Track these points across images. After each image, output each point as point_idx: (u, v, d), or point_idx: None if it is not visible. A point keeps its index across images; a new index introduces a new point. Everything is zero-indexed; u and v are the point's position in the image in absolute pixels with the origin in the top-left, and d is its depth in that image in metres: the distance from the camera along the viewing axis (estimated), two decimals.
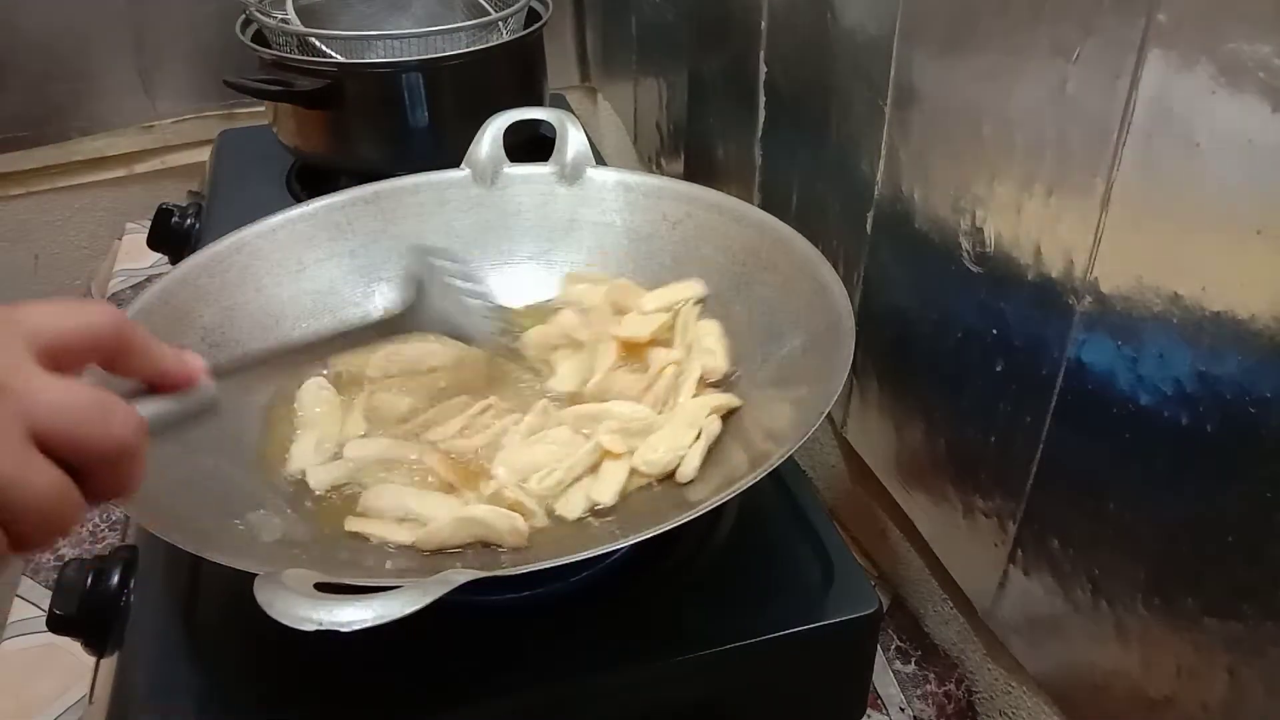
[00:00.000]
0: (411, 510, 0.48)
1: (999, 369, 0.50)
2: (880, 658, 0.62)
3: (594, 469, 0.50)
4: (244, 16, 0.86)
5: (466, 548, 0.46)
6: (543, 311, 0.62)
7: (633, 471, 0.49)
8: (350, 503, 0.49)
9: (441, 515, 0.46)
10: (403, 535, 0.46)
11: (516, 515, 0.46)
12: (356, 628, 0.33)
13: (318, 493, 0.50)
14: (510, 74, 0.87)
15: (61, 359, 0.31)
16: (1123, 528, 0.43)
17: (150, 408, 0.34)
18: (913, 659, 0.62)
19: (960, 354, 0.52)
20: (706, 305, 0.60)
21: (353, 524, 0.47)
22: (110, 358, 0.33)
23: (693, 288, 0.60)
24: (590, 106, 1.23)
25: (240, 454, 0.51)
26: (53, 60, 1.02)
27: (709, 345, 0.56)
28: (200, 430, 0.38)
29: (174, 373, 0.35)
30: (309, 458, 0.52)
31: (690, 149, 0.89)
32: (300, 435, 0.53)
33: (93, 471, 0.30)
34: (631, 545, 0.48)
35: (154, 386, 0.35)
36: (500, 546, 0.46)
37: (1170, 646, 0.41)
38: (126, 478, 0.31)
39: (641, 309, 0.60)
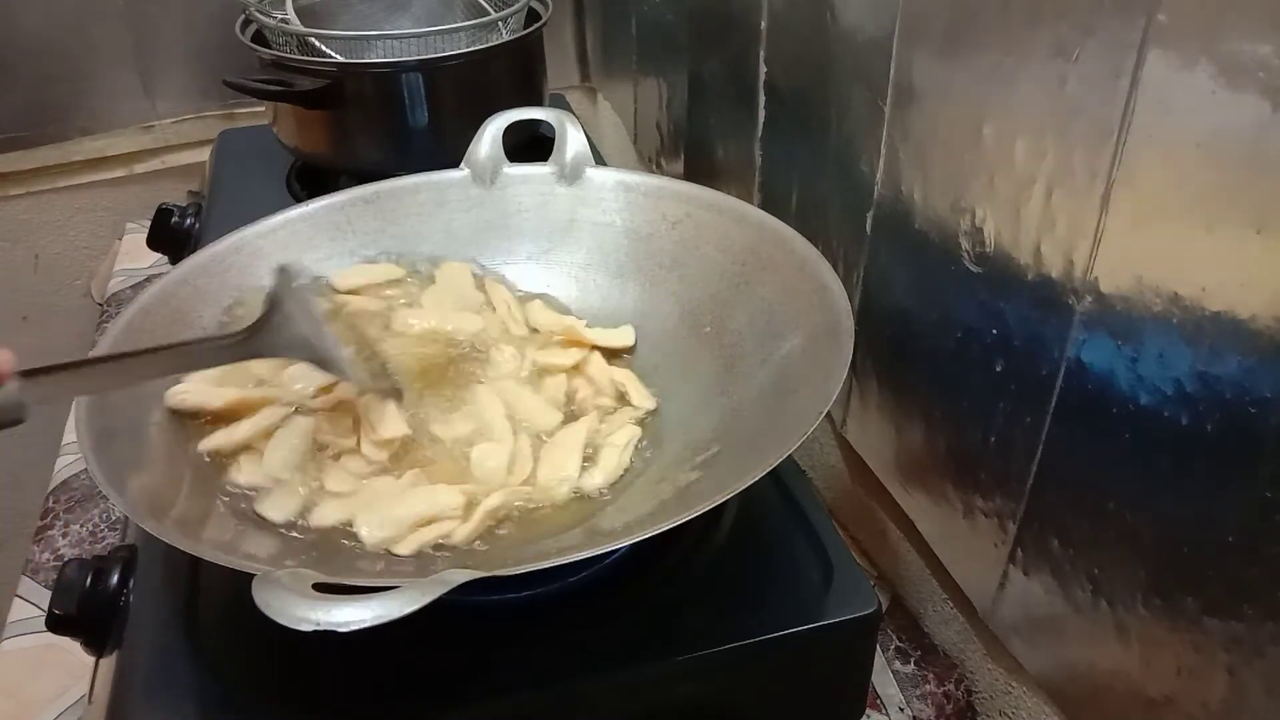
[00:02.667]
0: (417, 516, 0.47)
1: (999, 369, 0.49)
2: (880, 658, 0.62)
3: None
4: (244, 16, 0.86)
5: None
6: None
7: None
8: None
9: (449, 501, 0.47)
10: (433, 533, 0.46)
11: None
12: (355, 628, 0.33)
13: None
14: (510, 74, 0.87)
15: None
16: (1123, 528, 0.43)
17: None
18: (912, 659, 0.62)
19: (960, 354, 0.52)
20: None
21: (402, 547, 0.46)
22: None
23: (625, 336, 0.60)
24: (590, 106, 1.23)
25: None
26: (53, 60, 1.02)
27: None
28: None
29: None
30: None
31: (690, 149, 0.89)
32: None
33: None
34: (631, 545, 0.48)
35: None
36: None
37: (1170, 646, 0.41)
38: None
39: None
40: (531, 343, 0.60)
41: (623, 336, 0.60)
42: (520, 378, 0.58)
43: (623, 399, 0.56)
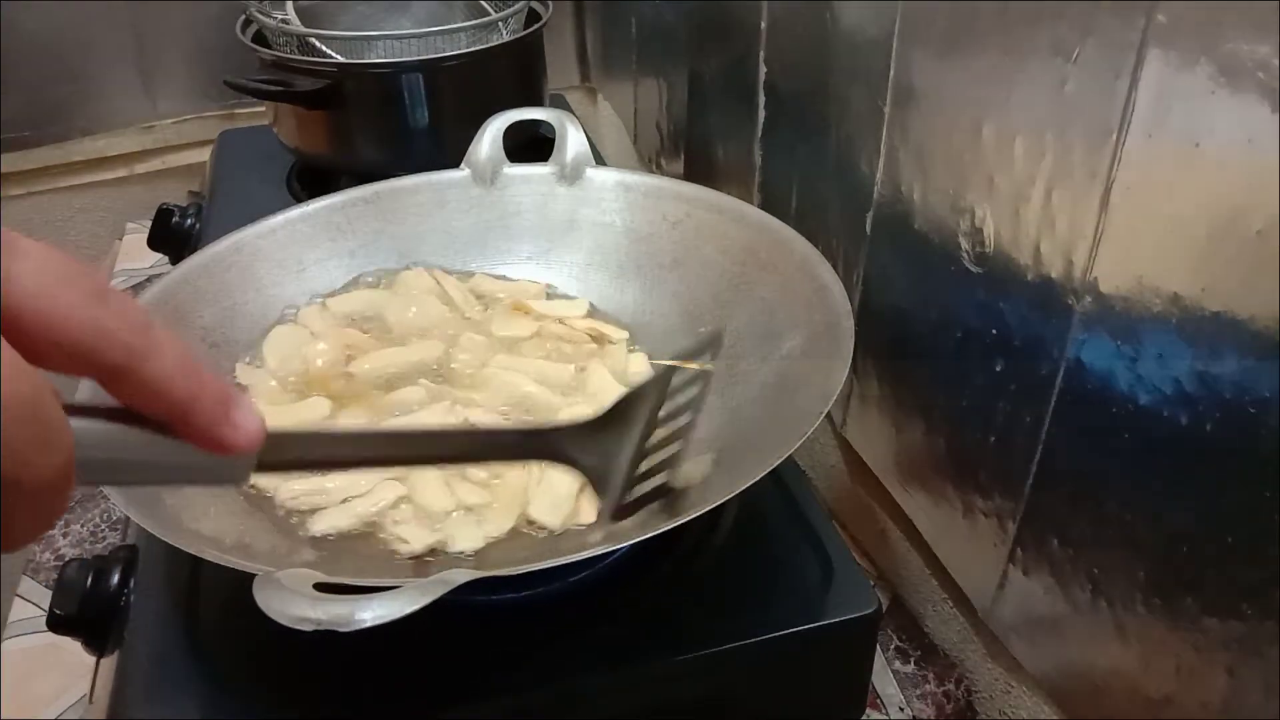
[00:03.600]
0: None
1: (999, 369, 0.49)
2: (880, 658, 0.62)
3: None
4: (244, 17, 0.86)
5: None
6: None
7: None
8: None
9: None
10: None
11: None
12: (356, 628, 0.33)
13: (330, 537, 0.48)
14: (510, 74, 0.87)
15: (42, 351, 0.22)
16: (1123, 528, 0.43)
17: (122, 438, 0.24)
18: (912, 659, 0.62)
19: (960, 354, 0.52)
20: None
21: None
22: (112, 377, 0.24)
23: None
24: (590, 106, 1.23)
25: None
26: (53, 60, 1.02)
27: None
28: None
29: (203, 427, 0.25)
30: None
31: (690, 149, 0.89)
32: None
33: None
34: (631, 545, 0.48)
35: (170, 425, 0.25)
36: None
37: (1170, 646, 0.41)
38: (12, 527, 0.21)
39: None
40: (489, 322, 0.61)
41: (576, 308, 0.62)
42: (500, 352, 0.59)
43: (602, 339, 0.60)
